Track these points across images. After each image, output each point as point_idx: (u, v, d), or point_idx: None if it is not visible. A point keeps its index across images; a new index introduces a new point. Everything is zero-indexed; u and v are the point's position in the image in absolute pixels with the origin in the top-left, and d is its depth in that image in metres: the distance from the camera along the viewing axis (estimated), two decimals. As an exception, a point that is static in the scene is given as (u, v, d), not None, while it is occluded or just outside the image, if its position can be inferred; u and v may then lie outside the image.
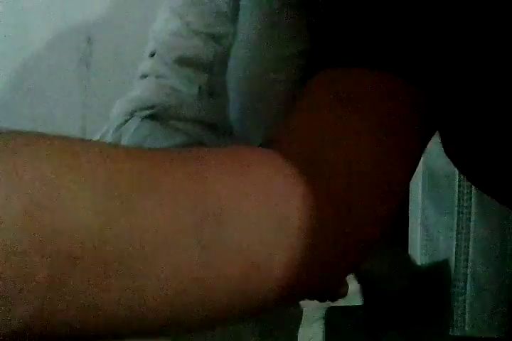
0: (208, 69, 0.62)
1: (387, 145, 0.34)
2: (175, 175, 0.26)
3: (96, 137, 0.66)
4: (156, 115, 0.63)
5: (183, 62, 0.63)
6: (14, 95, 1.01)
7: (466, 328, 0.76)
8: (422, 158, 0.38)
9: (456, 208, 1.19)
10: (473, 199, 1.18)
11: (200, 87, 0.62)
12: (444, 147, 0.40)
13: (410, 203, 1.04)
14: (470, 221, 1.17)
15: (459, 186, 1.19)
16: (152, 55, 0.68)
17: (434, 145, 0.40)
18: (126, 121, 0.64)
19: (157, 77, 0.66)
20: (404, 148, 0.35)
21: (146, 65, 0.68)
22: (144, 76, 0.69)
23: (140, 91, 0.67)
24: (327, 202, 0.31)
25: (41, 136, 0.23)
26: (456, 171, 1.17)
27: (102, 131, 0.66)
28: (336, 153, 0.33)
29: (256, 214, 0.29)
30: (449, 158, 0.40)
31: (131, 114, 0.64)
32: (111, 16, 1.05)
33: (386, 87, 0.34)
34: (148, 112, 0.63)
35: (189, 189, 0.26)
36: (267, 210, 0.29)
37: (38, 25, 1.02)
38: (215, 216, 0.27)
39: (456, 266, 0.94)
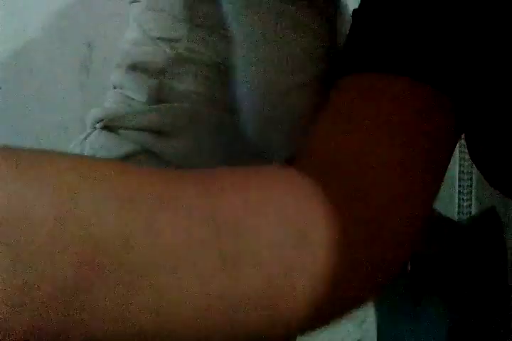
0: (158, 74, 0.60)
1: (414, 155, 0.32)
2: (188, 192, 0.26)
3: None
4: (109, 125, 0.62)
5: (135, 68, 0.62)
6: (14, 100, 1.02)
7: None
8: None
9: (456, 215, 1.19)
10: (473, 206, 1.18)
11: (148, 93, 0.60)
12: (469, 150, 0.38)
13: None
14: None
15: (459, 193, 1.18)
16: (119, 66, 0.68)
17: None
18: (89, 133, 0.63)
19: (121, 87, 0.65)
20: (433, 158, 0.33)
21: (114, 75, 0.68)
22: (114, 87, 0.68)
23: (108, 102, 0.66)
24: (352, 219, 0.30)
25: (59, 153, 0.24)
26: (456, 176, 1.17)
27: (70, 147, 0.65)
28: (359, 167, 0.32)
29: (274, 229, 0.27)
30: (474, 161, 0.38)
31: (93, 126, 0.63)
32: (111, 22, 1.06)
33: (415, 94, 0.33)
34: (102, 123, 0.62)
35: (203, 203, 0.26)
36: (286, 226, 0.28)
37: (37, 31, 1.04)
38: (231, 228, 0.26)
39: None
